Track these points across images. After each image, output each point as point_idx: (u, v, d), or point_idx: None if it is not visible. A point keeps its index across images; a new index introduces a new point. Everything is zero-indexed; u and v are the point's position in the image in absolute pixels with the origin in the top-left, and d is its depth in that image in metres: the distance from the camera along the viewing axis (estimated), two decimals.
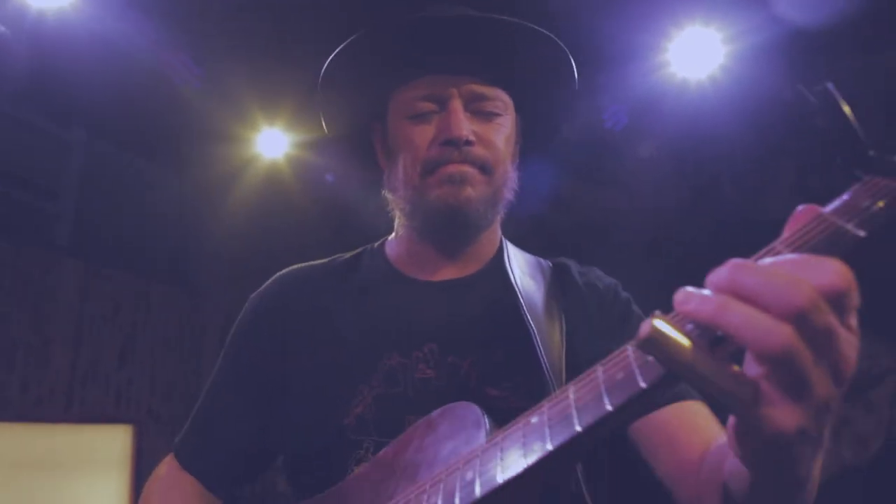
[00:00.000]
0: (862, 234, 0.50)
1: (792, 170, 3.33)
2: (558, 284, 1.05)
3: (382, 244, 1.13)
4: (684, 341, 0.46)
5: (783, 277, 0.45)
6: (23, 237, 3.52)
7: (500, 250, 1.08)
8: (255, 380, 1.02)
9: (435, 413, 0.80)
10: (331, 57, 1.01)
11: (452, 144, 0.94)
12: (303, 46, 3.29)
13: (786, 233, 0.53)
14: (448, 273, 1.04)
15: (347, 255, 1.14)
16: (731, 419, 0.51)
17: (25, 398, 3.24)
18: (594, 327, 0.99)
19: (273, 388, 1.00)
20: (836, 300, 0.46)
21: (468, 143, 0.95)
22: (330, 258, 1.14)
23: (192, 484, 1.02)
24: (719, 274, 0.48)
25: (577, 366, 0.92)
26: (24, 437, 2.29)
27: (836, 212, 0.53)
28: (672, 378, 0.48)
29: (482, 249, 1.06)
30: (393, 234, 1.12)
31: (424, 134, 0.97)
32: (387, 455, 0.84)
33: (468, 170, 0.95)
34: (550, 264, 1.11)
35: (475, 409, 0.75)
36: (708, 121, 3.22)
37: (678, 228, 3.50)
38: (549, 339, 0.94)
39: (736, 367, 0.47)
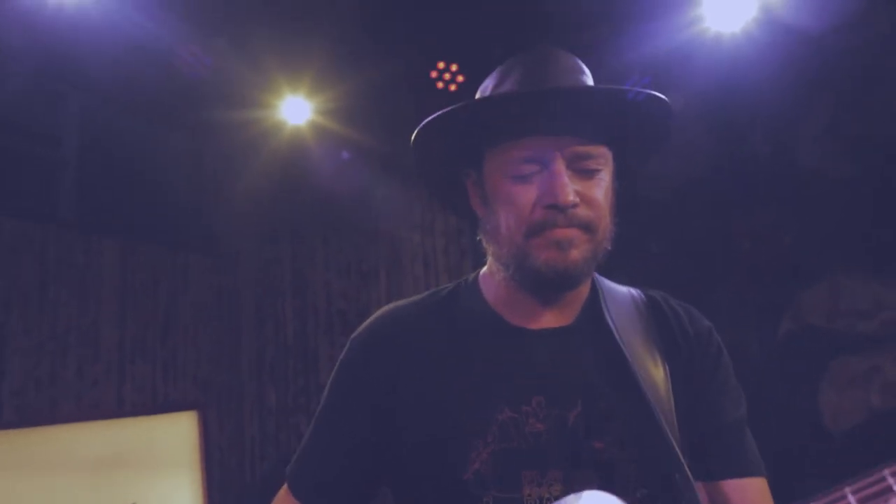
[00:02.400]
0: None
1: (824, 122, 3.28)
2: (654, 325, 1.06)
3: (476, 280, 1.12)
4: None
5: None
6: (59, 217, 3.58)
7: (595, 291, 1.09)
8: (363, 420, 1.04)
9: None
10: (429, 118, 1.00)
11: (557, 209, 0.94)
12: (327, 13, 3.23)
13: None
14: (548, 321, 1.05)
15: (444, 291, 1.13)
16: None
17: (82, 381, 3.39)
18: (693, 373, 1.02)
19: (384, 431, 1.02)
20: None
21: (573, 205, 0.95)
22: (427, 294, 1.14)
23: None
24: None
25: (682, 410, 0.97)
26: (92, 434, 2.42)
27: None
28: None
29: (579, 295, 1.07)
30: (486, 271, 1.11)
31: (528, 195, 0.96)
32: None
33: (573, 234, 0.96)
34: (644, 298, 1.10)
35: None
36: (741, 75, 3.16)
37: (709, 184, 3.49)
38: (654, 384, 0.97)
39: None
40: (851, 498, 0.58)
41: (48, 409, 3.15)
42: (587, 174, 0.97)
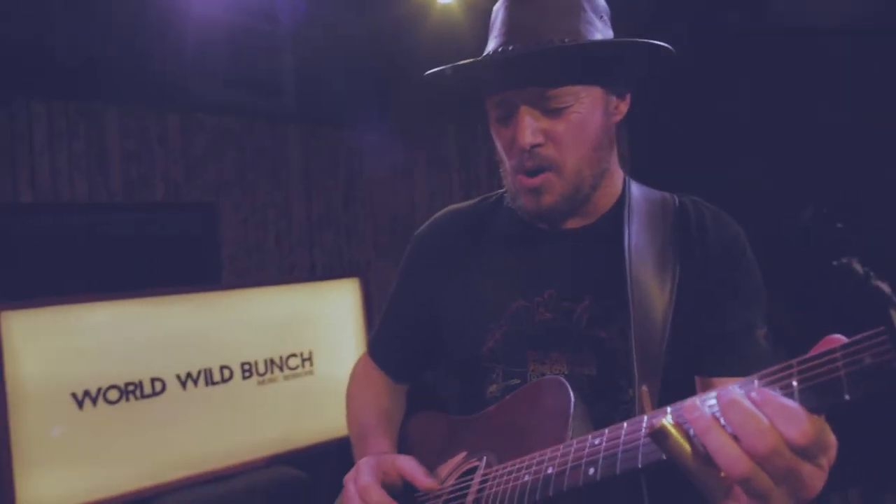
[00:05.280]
0: (847, 397, 0.57)
1: None
2: (678, 231, 1.10)
3: None
4: (681, 442, 0.65)
5: (755, 425, 0.60)
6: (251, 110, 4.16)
7: (622, 197, 1.16)
8: (421, 302, 1.30)
9: (533, 386, 1.03)
10: (426, 74, 1.13)
11: (524, 151, 1.05)
12: None
13: (811, 352, 0.63)
14: (572, 222, 1.15)
15: (493, 197, 1.31)
16: None
17: (280, 248, 4.12)
18: (706, 277, 1.07)
19: (434, 310, 1.28)
20: (799, 450, 0.60)
21: (535, 146, 1.04)
22: (479, 199, 1.34)
23: (381, 377, 1.38)
24: (721, 399, 0.63)
25: (686, 316, 1.04)
26: (278, 295, 3.03)
27: (847, 353, 0.59)
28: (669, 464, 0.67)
29: (600, 201, 1.15)
30: None
31: (507, 135, 1.09)
32: (489, 413, 1.10)
33: (541, 179, 1.06)
34: (676, 203, 1.15)
35: (568, 396, 0.94)
36: None
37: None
38: (650, 291, 1.06)
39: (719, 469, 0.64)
40: (795, 381, 0.61)
41: (255, 272, 3.95)
42: (554, 113, 1.04)
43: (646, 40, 1.02)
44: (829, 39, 2.79)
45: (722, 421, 0.63)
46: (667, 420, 0.65)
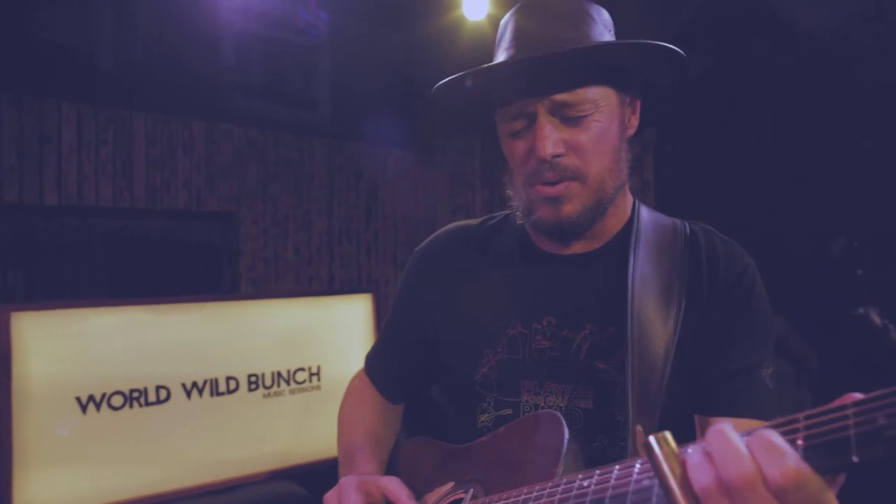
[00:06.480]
0: (855, 459, 0.51)
1: None
2: (687, 261, 1.06)
3: None
4: (661, 461, 0.60)
5: (733, 450, 0.55)
6: (278, 124, 4.21)
7: (630, 222, 1.12)
8: (418, 320, 1.26)
9: (528, 419, 0.98)
10: (438, 85, 1.09)
11: (543, 161, 1.00)
12: None
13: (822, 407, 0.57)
14: (576, 248, 1.11)
15: (499, 216, 1.27)
16: None
17: (300, 258, 4.13)
18: (711, 313, 1.02)
19: (430, 329, 1.23)
20: (778, 492, 0.54)
21: (557, 156, 1.00)
22: (483, 218, 1.29)
23: (375, 396, 1.34)
24: (709, 435, 0.58)
25: (689, 351, 0.99)
26: (294, 308, 3.02)
27: (859, 411, 0.53)
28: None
29: (608, 224, 1.10)
30: None
31: (522, 148, 1.04)
32: (482, 443, 1.05)
33: (563, 188, 1.01)
34: (687, 232, 1.10)
35: (562, 432, 0.90)
36: None
37: None
38: (652, 324, 0.99)
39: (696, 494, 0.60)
40: (800, 437, 0.55)
41: (273, 282, 3.95)
42: (574, 121, 1.00)
43: (659, 43, 0.98)
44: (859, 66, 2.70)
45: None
46: (651, 438, 0.60)
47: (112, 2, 3.16)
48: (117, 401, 2.45)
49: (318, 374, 2.95)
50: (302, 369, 2.92)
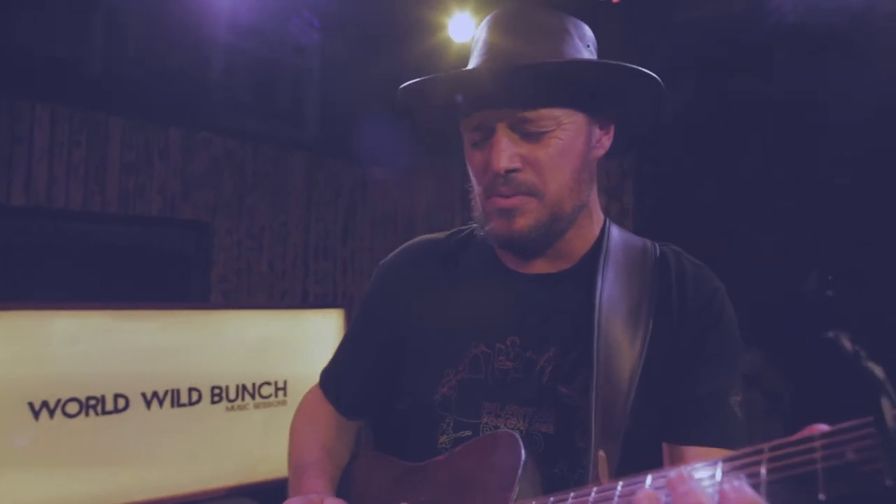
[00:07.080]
0: (821, 497, 0.49)
1: None
2: (656, 283, 1.03)
3: None
4: None
5: (693, 494, 0.55)
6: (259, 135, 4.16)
7: (599, 242, 1.09)
8: (379, 335, 1.22)
9: (485, 438, 0.95)
10: (405, 85, 1.06)
11: (498, 175, 0.98)
12: None
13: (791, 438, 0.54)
14: (542, 267, 1.08)
15: (465, 231, 1.22)
16: None
17: (274, 273, 4.06)
18: (679, 336, 1.00)
19: (390, 346, 1.19)
20: None
21: (512, 171, 0.97)
22: (450, 232, 1.24)
23: (329, 411, 1.29)
24: (672, 477, 0.58)
25: (655, 376, 0.97)
26: (269, 319, 2.95)
27: (827, 444, 0.51)
28: None
29: (573, 244, 1.08)
30: None
31: (480, 159, 1.02)
32: (437, 463, 1.01)
33: (517, 201, 0.99)
34: (656, 253, 1.08)
35: (518, 453, 0.87)
36: None
37: None
38: (618, 346, 0.97)
39: None
40: (764, 469, 0.53)
41: (245, 296, 3.88)
42: (533, 137, 0.98)
43: (630, 65, 0.96)
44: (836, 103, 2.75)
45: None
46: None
47: (102, 13, 3.13)
48: (72, 408, 2.36)
49: (284, 388, 2.88)
50: (268, 383, 2.85)
